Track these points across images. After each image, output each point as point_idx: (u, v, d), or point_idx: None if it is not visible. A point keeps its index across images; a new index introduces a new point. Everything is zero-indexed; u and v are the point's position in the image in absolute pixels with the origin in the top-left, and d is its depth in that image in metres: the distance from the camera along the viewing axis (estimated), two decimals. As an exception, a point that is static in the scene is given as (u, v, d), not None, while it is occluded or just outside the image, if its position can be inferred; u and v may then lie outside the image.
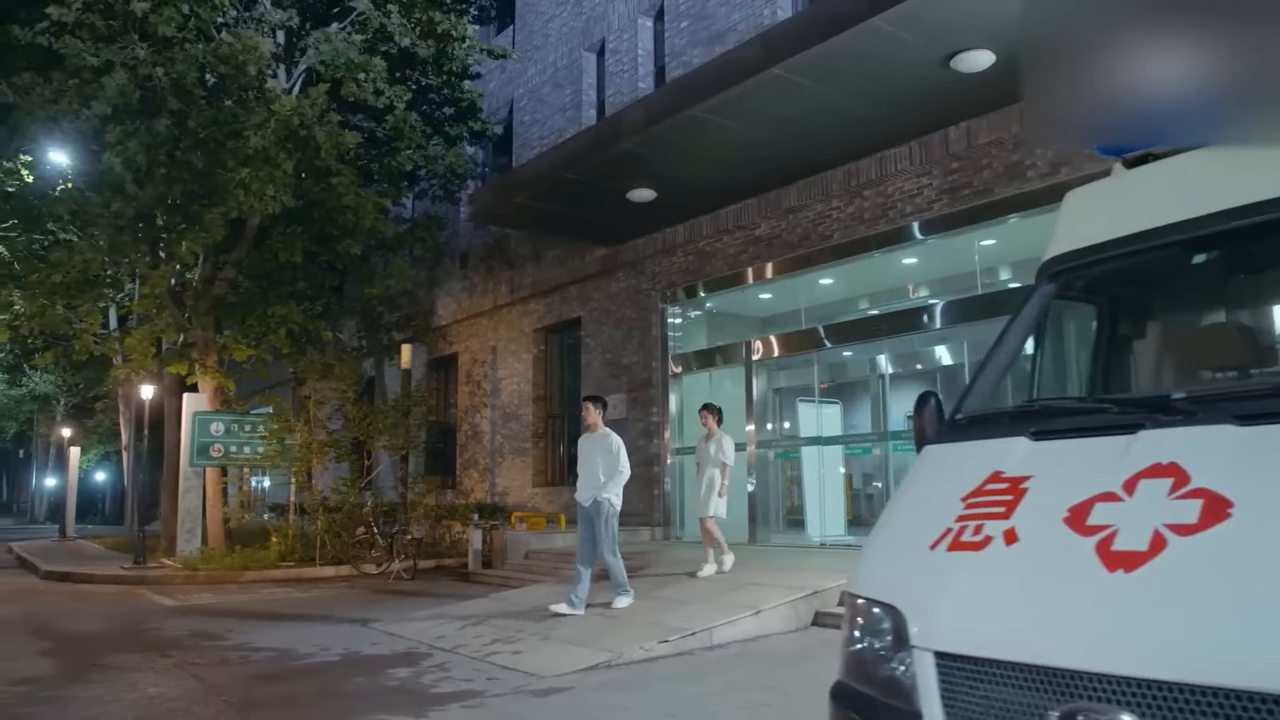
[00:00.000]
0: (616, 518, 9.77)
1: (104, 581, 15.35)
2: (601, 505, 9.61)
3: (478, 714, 6.26)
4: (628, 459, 9.89)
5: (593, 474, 9.77)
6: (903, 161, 12.82)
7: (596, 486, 9.67)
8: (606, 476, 9.66)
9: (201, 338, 17.05)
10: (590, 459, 9.89)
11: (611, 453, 9.77)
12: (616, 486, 9.71)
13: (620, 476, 9.74)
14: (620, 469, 9.73)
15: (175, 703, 6.77)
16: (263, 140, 12.82)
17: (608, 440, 9.86)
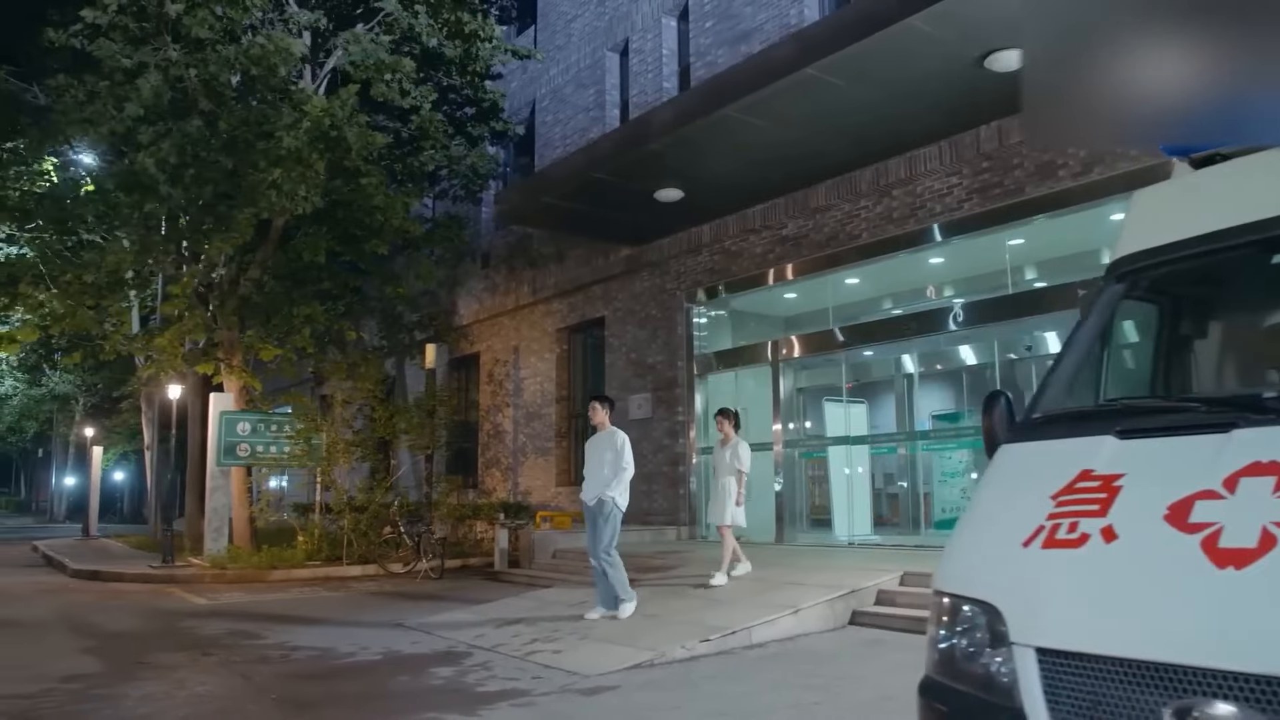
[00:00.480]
0: (619, 518, 9.59)
1: (133, 580, 15.41)
2: (605, 504, 9.47)
3: (527, 713, 6.28)
4: (632, 456, 9.71)
5: (598, 472, 9.66)
6: (932, 161, 12.82)
7: (601, 485, 9.54)
8: (611, 474, 9.52)
9: (227, 337, 17.13)
10: (596, 458, 9.77)
11: (616, 450, 9.62)
12: (621, 485, 9.53)
13: (624, 474, 9.56)
14: (624, 465, 9.56)
15: (226, 701, 6.82)
16: (295, 141, 12.87)
17: (614, 438, 9.74)
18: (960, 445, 15.68)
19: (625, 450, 9.59)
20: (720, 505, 10.65)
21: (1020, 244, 12.57)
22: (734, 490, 10.52)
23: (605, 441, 9.75)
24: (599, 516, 9.50)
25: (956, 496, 16.19)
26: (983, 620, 2.94)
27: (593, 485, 9.67)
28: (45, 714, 6.36)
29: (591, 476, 9.74)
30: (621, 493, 9.52)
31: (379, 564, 15.92)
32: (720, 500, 10.66)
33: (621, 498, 9.52)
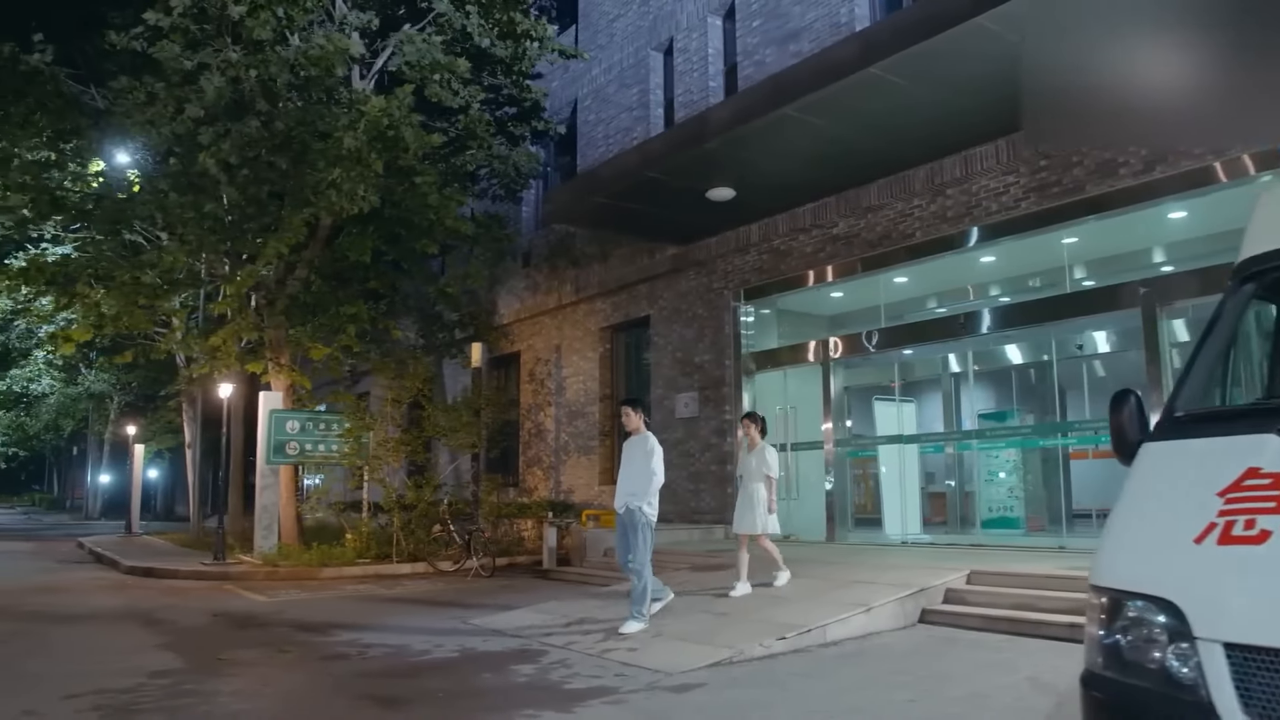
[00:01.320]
0: (651, 530, 9.21)
1: (187, 577, 15.54)
2: (635, 515, 9.13)
3: (621, 710, 6.32)
4: (662, 464, 9.37)
5: (629, 480, 9.35)
6: (989, 160, 12.79)
7: (631, 493, 9.22)
8: (640, 482, 9.20)
9: (274, 336, 17.25)
10: (628, 463, 9.49)
11: (646, 455, 9.28)
12: (650, 494, 9.18)
13: (652, 481, 9.19)
14: (652, 472, 9.19)
15: (316, 697, 6.90)
16: (355, 141, 12.96)
17: (645, 443, 9.42)
18: (1009, 444, 15.65)
19: (654, 457, 9.27)
20: (750, 513, 10.24)
21: (1078, 243, 12.55)
22: (764, 497, 10.20)
23: (637, 447, 9.49)
24: (628, 526, 9.23)
25: (1004, 496, 16.16)
26: (1156, 616, 2.98)
27: (623, 492, 9.38)
28: (145, 707, 6.44)
29: (623, 482, 9.48)
30: (650, 503, 9.19)
31: (428, 562, 16.00)
32: (750, 508, 10.26)
33: (650, 508, 9.18)
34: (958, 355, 16.03)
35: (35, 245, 23.75)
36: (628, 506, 9.17)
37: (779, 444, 15.66)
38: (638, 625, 8.94)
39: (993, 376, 17.15)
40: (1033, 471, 16.26)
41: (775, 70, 15.43)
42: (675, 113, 18.00)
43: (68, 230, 23.17)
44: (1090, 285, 12.47)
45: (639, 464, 9.27)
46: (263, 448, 17.04)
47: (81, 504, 52.40)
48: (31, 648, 9.11)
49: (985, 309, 13.66)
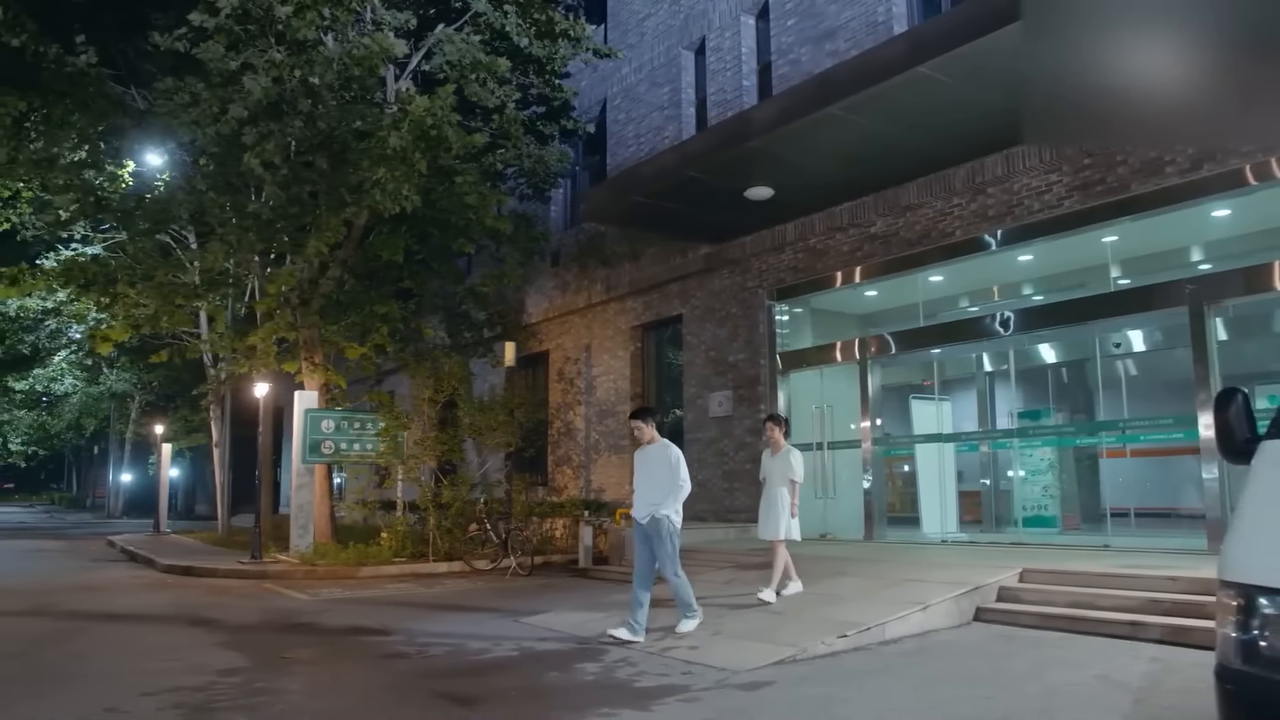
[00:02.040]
0: (678, 535, 9.02)
1: (226, 576, 15.60)
2: (661, 524, 8.86)
3: (697, 708, 6.34)
4: (688, 471, 9.11)
5: (650, 489, 9.07)
6: (1031, 159, 12.80)
7: (654, 502, 8.94)
8: (666, 491, 8.92)
9: (309, 336, 17.30)
10: (648, 473, 9.20)
11: (670, 465, 9.01)
12: (676, 502, 8.94)
13: (680, 491, 8.95)
14: (680, 482, 8.95)
15: (393, 695, 6.92)
16: (401, 140, 13.01)
17: (666, 452, 9.12)
18: (1051, 443, 15.67)
19: (680, 466, 9.03)
20: (773, 518, 10.14)
21: (1121, 241, 12.55)
22: (787, 501, 10.08)
23: (658, 455, 9.18)
24: (654, 536, 8.94)
25: (1038, 494, 16.16)
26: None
27: (644, 502, 9.10)
28: (222, 705, 6.48)
29: (642, 491, 9.18)
30: (676, 510, 8.97)
31: (464, 561, 16.04)
32: (772, 512, 10.16)
33: (676, 515, 8.96)
34: (994, 354, 16.02)
35: (65, 245, 23.92)
36: (653, 515, 8.92)
37: (815, 443, 15.77)
38: (693, 623, 8.94)
39: (1028, 375, 17.13)
40: (1070, 470, 16.28)
41: (810, 69, 15.52)
42: (708, 112, 18.02)
43: (97, 230, 23.36)
44: (1135, 284, 12.43)
45: (661, 472, 9.02)
46: (298, 447, 17.10)
47: (103, 503, 52.59)
48: (91, 645, 9.16)
49: (1027, 308, 13.70)
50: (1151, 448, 13.50)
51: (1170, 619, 8.17)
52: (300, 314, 16.39)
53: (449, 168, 14.53)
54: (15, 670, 7.95)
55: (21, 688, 7.16)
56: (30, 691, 7.02)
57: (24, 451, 56.65)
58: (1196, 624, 7.85)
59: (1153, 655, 7.52)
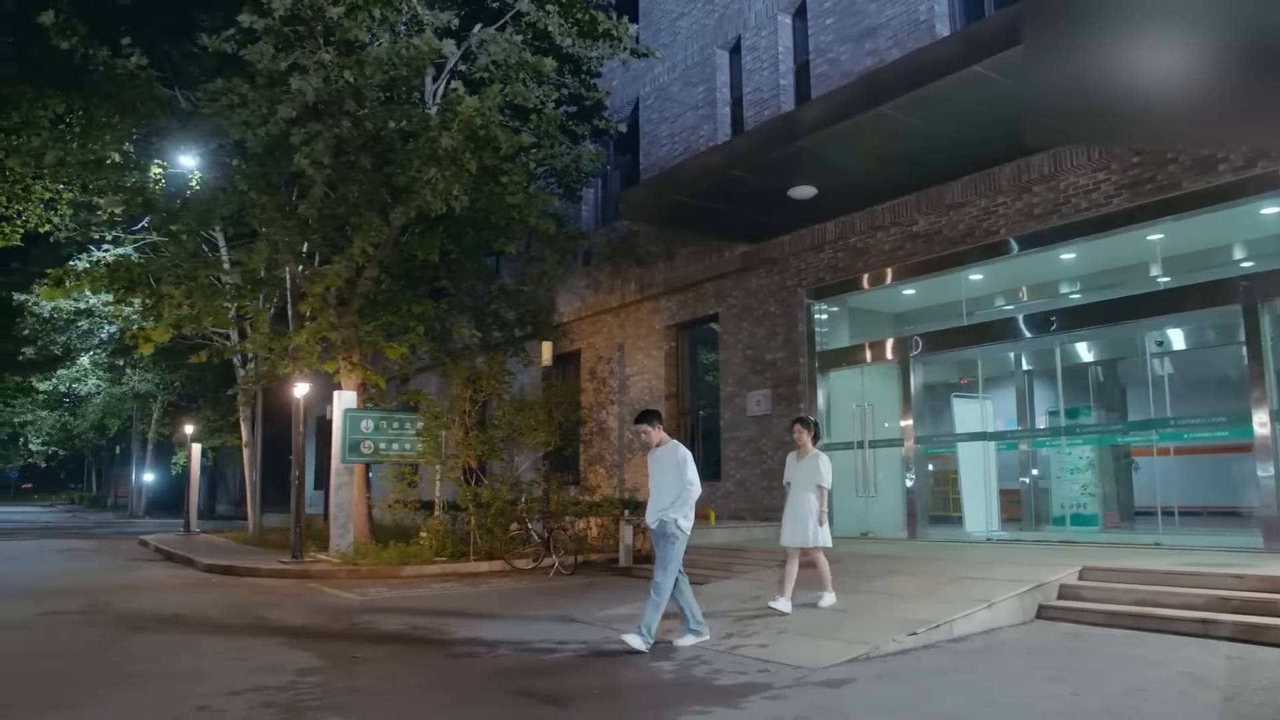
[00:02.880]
0: (682, 543, 8.61)
1: (268, 575, 15.65)
2: (667, 526, 8.55)
3: (785, 706, 6.35)
4: (696, 472, 8.76)
5: (661, 493, 8.73)
6: (1079, 157, 12.80)
7: (664, 507, 8.62)
8: (673, 494, 8.60)
9: (346, 335, 17.35)
10: (659, 477, 8.87)
11: (678, 466, 8.67)
12: (685, 505, 8.57)
13: (688, 493, 8.58)
14: (688, 483, 8.58)
15: (477, 693, 6.97)
16: (452, 140, 13.06)
17: (675, 453, 8.80)
18: (1098, 441, 15.68)
19: (688, 467, 8.66)
20: (800, 525, 9.79)
21: (1170, 239, 12.55)
22: (814, 507, 9.75)
23: (667, 458, 8.85)
24: (658, 538, 8.67)
25: (1076, 492, 16.14)
26: None
27: (655, 506, 8.78)
28: (311, 704, 6.51)
29: (655, 496, 8.85)
30: (685, 515, 8.59)
31: (505, 560, 16.06)
32: (798, 518, 9.81)
33: (685, 520, 8.59)
34: (1033, 352, 16.01)
35: (97, 247, 24.04)
36: (661, 520, 8.61)
37: (855, 441, 15.78)
38: (638, 641, 8.34)
39: (1067, 373, 17.12)
40: (1109, 469, 16.27)
41: (850, 68, 15.54)
42: (744, 111, 18.03)
43: (128, 232, 23.47)
44: (1187, 282, 12.39)
45: (672, 476, 8.69)
46: (338, 447, 17.15)
47: (125, 502, 52.82)
48: (156, 645, 9.22)
49: (1073, 306, 13.70)
50: (1202, 445, 13.51)
51: (1242, 616, 8.17)
52: (339, 314, 16.44)
53: (494, 168, 14.57)
54: (91, 669, 8.00)
55: (106, 687, 7.21)
56: (115, 691, 7.08)
57: (44, 452, 56.88)
58: (1270, 621, 7.87)
59: (1228, 653, 7.52)
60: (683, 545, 8.62)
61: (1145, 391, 14.14)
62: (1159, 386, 14.19)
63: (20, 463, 75.53)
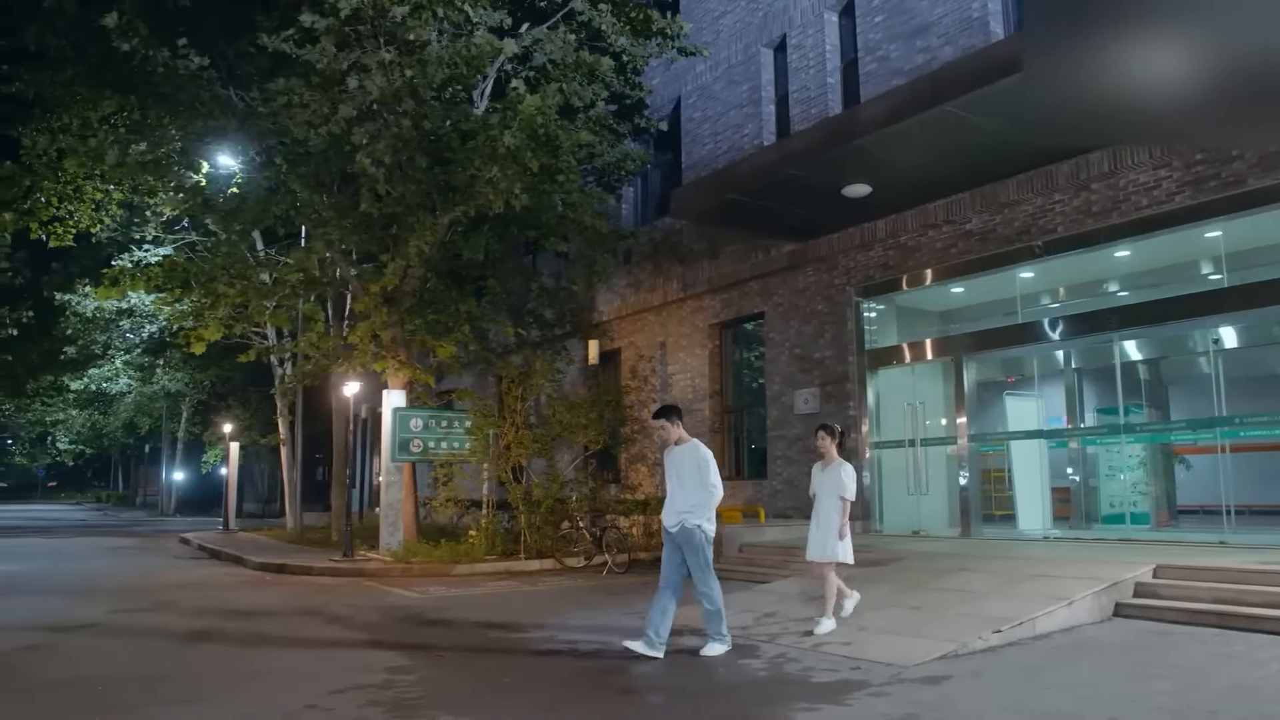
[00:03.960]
0: (710, 546, 8.28)
1: (322, 574, 15.72)
2: (692, 534, 8.15)
3: (890, 703, 6.36)
4: (719, 474, 8.35)
5: (680, 494, 8.32)
6: (1140, 154, 12.76)
7: (683, 510, 8.22)
8: (694, 497, 8.19)
9: (394, 334, 17.40)
10: (677, 477, 8.42)
11: (699, 467, 8.26)
12: (707, 509, 8.19)
13: (710, 497, 8.19)
14: (710, 485, 8.19)
15: (577, 689, 7.01)
16: (515, 139, 13.12)
17: (695, 453, 8.34)
18: (1153, 439, 15.65)
19: (710, 468, 8.24)
20: (823, 537, 9.16)
21: (1235, 236, 12.50)
22: (836, 521, 9.07)
23: (686, 457, 8.39)
24: (685, 545, 8.24)
25: (1126, 491, 16.10)
26: None
27: (673, 508, 8.36)
28: (418, 703, 6.53)
29: (672, 497, 8.41)
30: (709, 519, 8.22)
31: (555, 558, 16.11)
32: (824, 531, 9.16)
33: (709, 524, 8.22)
34: (1086, 350, 15.95)
35: (138, 246, 24.18)
36: (683, 524, 8.18)
37: (907, 439, 15.79)
38: (720, 647, 8.17)
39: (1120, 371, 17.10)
40: (1159, 466, 16.23)
41: (900, 66, 15.55)
42: (790, 109, 18.01)
43: (168, 231, 23.62)
44: (1258, 279, 12.30)
45: (692, 477, 8.27)
46: (387, 445, 17.23)
47: (154, 501, 53.13)
48: (237, 643, 9.27)
49: (1135, 304, 13.65)
50: (1262, 443, 13.48)
51: (1331, 615, 8.16)
52: (389, 312, 16.51)
53: (551, 166, 14.62)
54: (186, 667, 8.04)
55: (209, 685, 7.25)
56: (220, 688, 7.12)
57: (72, 451, 57.29)
58: (1362, 620, 7.87)
59: (1323, 651, 7.52)
60: (710, 548, 8.28)
61: (1203, 389, 14.10)
62: (1217, 384, 14.14)
63: (47, 461, 76.16)
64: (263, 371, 33.78)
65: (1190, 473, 16.88)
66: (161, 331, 30.19)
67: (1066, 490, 16.75)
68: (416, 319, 17.32)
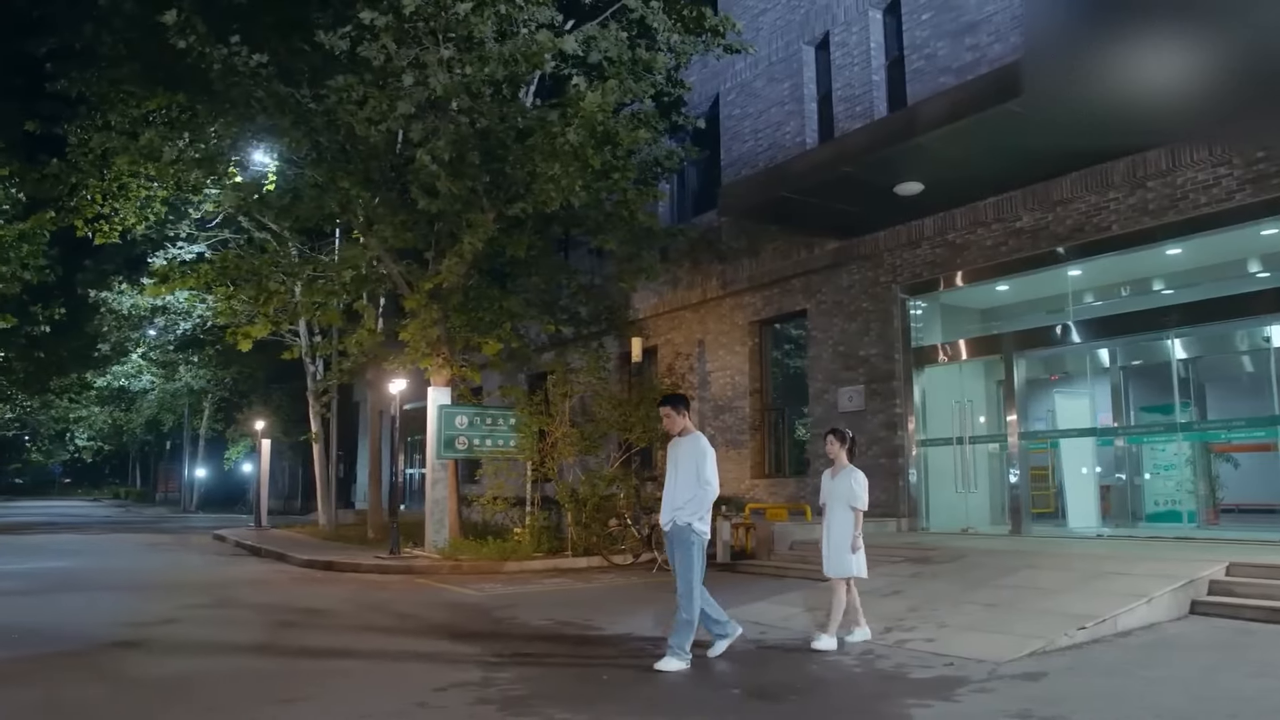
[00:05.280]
0: (702, 549, 7.69)
1: (371, 571, 15.73)
2: (684, 532, 7.63)
3: (996, 699, 6.39)
4: (716, 469, 7.79)
5: (677, 490, 7.80)
6: (1200, 152, 12.76)
7: (678, 506, 7.70)
8: (688, 492, 7.66)
9: (440, 332, 17.42)
10: (675, 470, 7.91)
11: (696, 461, 7.72)
12: (700, 507, 7.61)
13: (704, 493, 7.63)
14: (705, 481, 7.63)
15: (678, 688, 7.03)
16: (577, 136, 13.16)
17: (695, 445, 7.82)
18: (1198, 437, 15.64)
19: (707, 464, 7.69)
20: (839, 552, 8.52)
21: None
22: (849, 532, 8.47)
23: (686, 450, 7.88)
24: (674, 543, 7.76)
25: (1171, 489, 16.11)
26: None
27: (669, 505, 7.84)
28: (527, 698, 6.56)
29: (670, 493, 7.88)
30: (701, 517, 7.63)
31: (602, 556, 16.12)
32: (838, 545, 8.53)
33: (701, 523, 7.62)
34: (1132, 347, 15.94)
35: (172, 244, 24.25)
36: (674, 522, 7.69)
37: (955, 437, 15.80)
38: (677, 664, 7.42)
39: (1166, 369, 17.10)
40: (1208, 465, 16.22)
41: (949, 64, 15.59)
42: (834, 107, 18.02)
43: (202, 229, 23.70)
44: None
45: (689, 471, 7.73)
46: (433, 443, 17.26)
47: (175, 497, 53.33)
48: (317, 639, 9.33)
49: (1192, 301, 13.64)
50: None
51: None
52: (438, 309, 16.54)
53: (609, 164, 14.65)
54: (280, 665, 8.03)
55: (310, 683, 7.23)
56: (322, 686, 7.11)
57: (91, 447, 57.46)
58: None
59: None
60: (702, 550, 7.70)
61: (1255, 388, 14.13)
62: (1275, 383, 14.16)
63: (65, 458, 76.44)
64: (284, 369, 33.93)
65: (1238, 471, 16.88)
66: (195, 328, 30.31)
67: (1108, 488, 16.77)
68: (462, 316, 17.35)
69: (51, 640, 9.17)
